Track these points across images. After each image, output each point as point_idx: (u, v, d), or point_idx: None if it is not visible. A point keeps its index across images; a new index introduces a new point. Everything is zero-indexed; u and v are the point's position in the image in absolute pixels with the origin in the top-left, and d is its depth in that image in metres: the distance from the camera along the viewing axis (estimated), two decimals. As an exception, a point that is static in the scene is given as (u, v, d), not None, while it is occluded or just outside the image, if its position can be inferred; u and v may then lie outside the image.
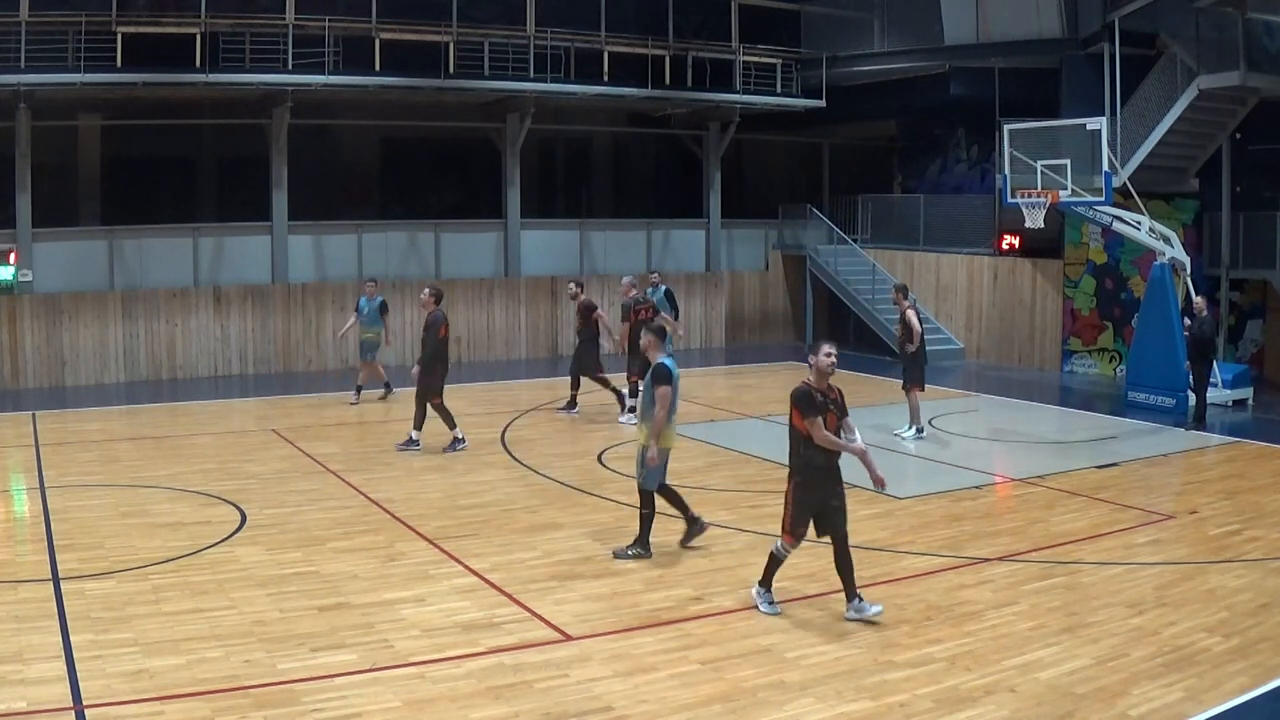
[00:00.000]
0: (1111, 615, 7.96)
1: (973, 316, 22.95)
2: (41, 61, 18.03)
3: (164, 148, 22.18)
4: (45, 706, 6.34)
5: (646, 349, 9.50)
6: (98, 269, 20.05)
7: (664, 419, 9.11)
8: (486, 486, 11.96)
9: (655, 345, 9.40)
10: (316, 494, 11.56)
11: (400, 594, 8.39)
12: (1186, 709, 6.43)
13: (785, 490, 7.98)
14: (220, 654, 7.13)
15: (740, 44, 24.36)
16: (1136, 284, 19.99)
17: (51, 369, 19.12)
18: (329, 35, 19.85)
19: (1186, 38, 18.86)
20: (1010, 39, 22.00)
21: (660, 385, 9.13)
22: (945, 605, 8.21)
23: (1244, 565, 9.19)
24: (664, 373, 9.18)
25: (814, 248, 25.55)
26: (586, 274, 24.17)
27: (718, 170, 25.55)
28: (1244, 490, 11.90)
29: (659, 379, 9.16)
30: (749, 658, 7.20)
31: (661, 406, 9.08)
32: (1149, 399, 16.81)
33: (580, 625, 7.75)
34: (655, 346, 9.39)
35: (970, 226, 23.55)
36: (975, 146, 24.80)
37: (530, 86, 21.69)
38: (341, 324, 21.25)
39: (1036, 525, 10.50)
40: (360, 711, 6.35)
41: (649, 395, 9.20)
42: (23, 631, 7.47)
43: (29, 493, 11.67)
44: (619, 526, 10.35)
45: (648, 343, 9.46)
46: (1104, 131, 16.76)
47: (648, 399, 9.21)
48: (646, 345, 9.48)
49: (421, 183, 24.72)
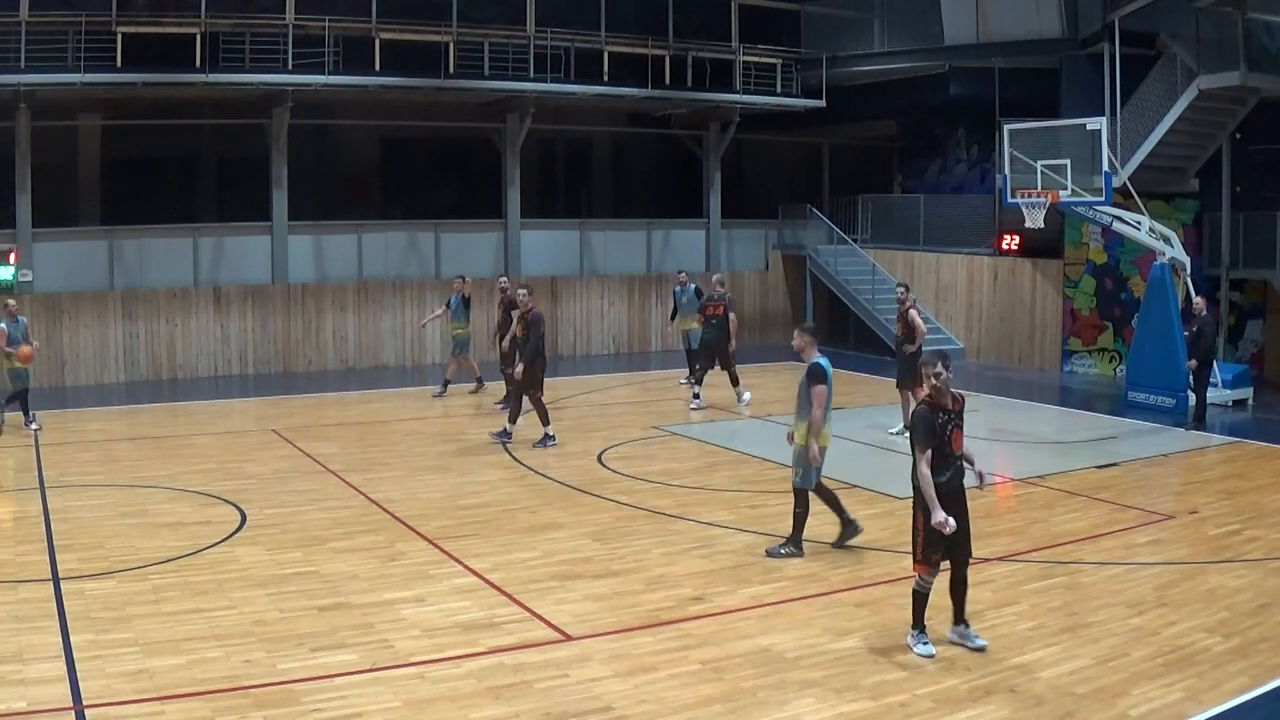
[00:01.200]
0: (1111, 615, 7.96)
1: (973, 316, 22.95)
2: (41, 61, 18.02)
3: (164, 148, 22.17)
4: (45, 706, 6.34)
5: (802, 349, 9.43)
6: (98, 269, 20.05)
7: (821, 417, 9.12)
8: (486, 486, 11.96)
9: (811, 345, 9.41)
10: (316, 494, 11.56)
11: (400, 594, 8.40)
12: (1186, 709, 6.43)
13: (913, 518, 7.47)
14: (220, 654, 7.13)
15: (740, 44, 24.36)
16: (1136, 284, 19.99)
17: (51, 369, 19.11)
18: (329, 35, 19.84)
19: (1186, 38, 18.85)
20: (1010, 39, 21.99)
21: (817, 384, 9.15)
22: (945, 605, 8.20)
23: (1244, 565, 9.19)
24: (820, 372, 9.19)
25: (814, 248, 25.54)
26: (586, 274, 24.19)
27: (718, 170, 25.55)
28: (1244, 490, 11.90)
29: (815, 378, 9.17)
30: (749, 658, 7.20)
31: (819, 405, 9.09)
32: (1149, 399, 16.80)
33: (580, 625, 7.75)
34: (811, 346, 9.40)
35: (970, 226, 23.55)
36: (975, 146, 24.80)
37: (530, 86, 21.69)
38: (342, 325, 21.34)
39: (1036, 525, 10.50)
40: (360, 711, 6.35)
41: (805, 395, 9.21)
42: (23, 631, 7.47)
43: (29, 493, 11.66)
44: (619, 526, 10.36)
45: (804, 343, 9.44)
46: (1104, 131, 16.76)
47: (804, 399, 9.21)
48: (802, 346, 9.44)
49: (421, 183, 24.72)
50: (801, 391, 9.34)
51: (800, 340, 9.54)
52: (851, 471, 12.56)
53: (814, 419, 9.12)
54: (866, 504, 11.20)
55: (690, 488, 11.86)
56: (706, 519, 10.57)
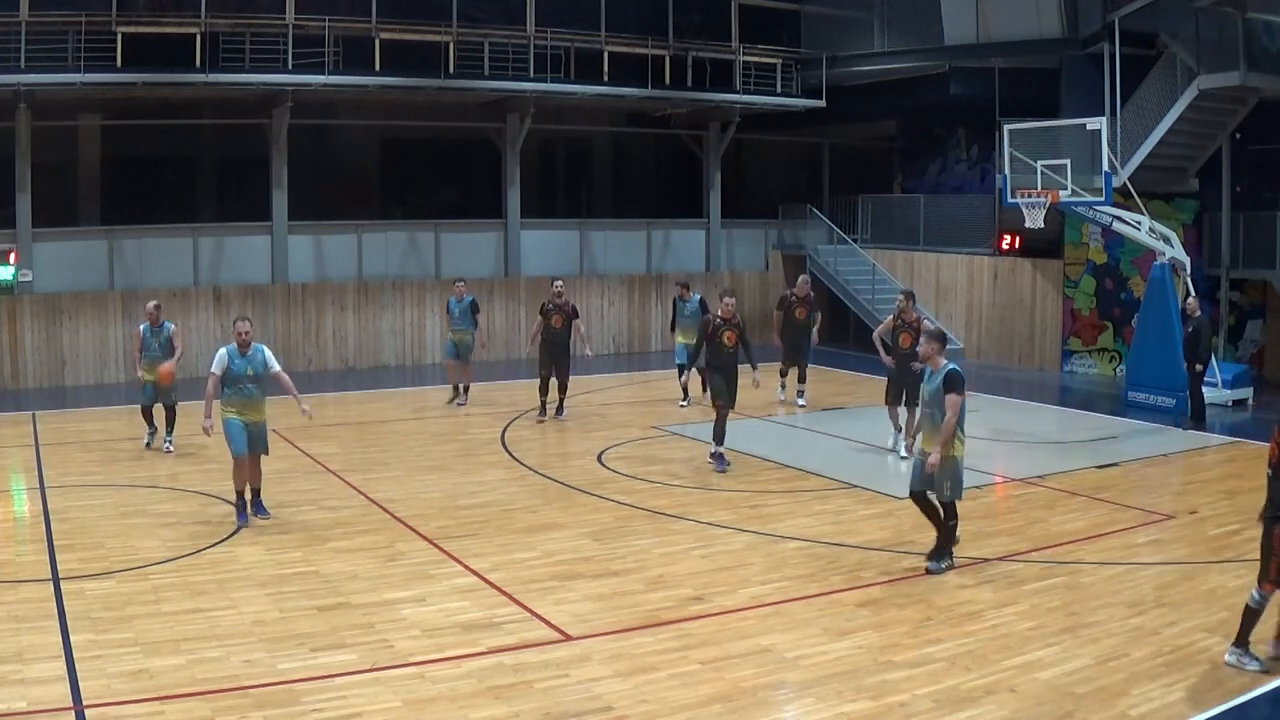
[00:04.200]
0: (1111, 615, 7.96)
1: (972, 316, 22.94)
2: (41, 61, 18.02)
3: (164, 148, 22.17)
4: (45, 706, 6.34)
5: (929, 358, 9.00)
6: (98, 269, 20.05)
7: (954, 425, 8.71)
8: (486, 486, 11.96)
9: (939, 352, 8.99)
10: (316, 494, 11.57)
11: (400, 594, 8.40)
12: (1186, 709, 6.43)
13: (1270, 534, 6.91)
14: (220, 654, 7.13)
15: (740, 44, 24.35)
16: (1136, 284, 19.99)
17: (51, 369, 19.12)
18: (329, 35, 19.84)
19: (1186, 38, 18.85)
20: (1010, 39, 21.98)
21: (953, 393, 8.74)
22: (945, 605, 8.21)
23: (1244, 565, 9.17)
24: (959, 380, 8.78)
25: (814, 248, 25.53)
26: (586, 274, 24.19)
27: (718, 170, 25.55)
28: (1244, 490, 11.88)
29: (953, 386, 8.76)
30: (749, 658, 7.20)
31: (954, 413, 8.70)
32: (1149, 399, 16.80)
33: (580, 625, 7.74)
34: (939, 353, 8.99)
35: (970, 226, 23.54)
36: (975, 146, 24.78)
37: (530, 86, 21.69)
38: (342, 325, 21.33)
39: (1036, 525, 10.50)
40: (360, 711, 6.35)
41: (938, 404, 8.77)
42: (23, 631, 7.47)
43: (29, 493, 11.67)
44: (619, 526, 10.36)
45: (931, 350, 8.98)
46: (1104, 131, 16.75)
47: (938, 408, 8.77)
48: (929, 354, 8.99)
49: (421, 183, 24.72)
50: (934, 400, 8.86)
51: (927, 348, 9.05)
52: (852, 472, 12.59)
53: (947, 427, 8.68)
54: (866, 504, 11.22)
55: (690, 488, 11.86)
56: (706, 519, 10.57)
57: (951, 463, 8.81)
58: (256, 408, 10.44)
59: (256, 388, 10.44)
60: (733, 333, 12.74)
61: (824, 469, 12.66)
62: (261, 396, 10.47)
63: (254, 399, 10.42)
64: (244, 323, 10.53)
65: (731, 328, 12.74)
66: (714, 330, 12.75)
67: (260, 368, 10.41)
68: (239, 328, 10.49)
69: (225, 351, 10.35)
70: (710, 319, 12.98)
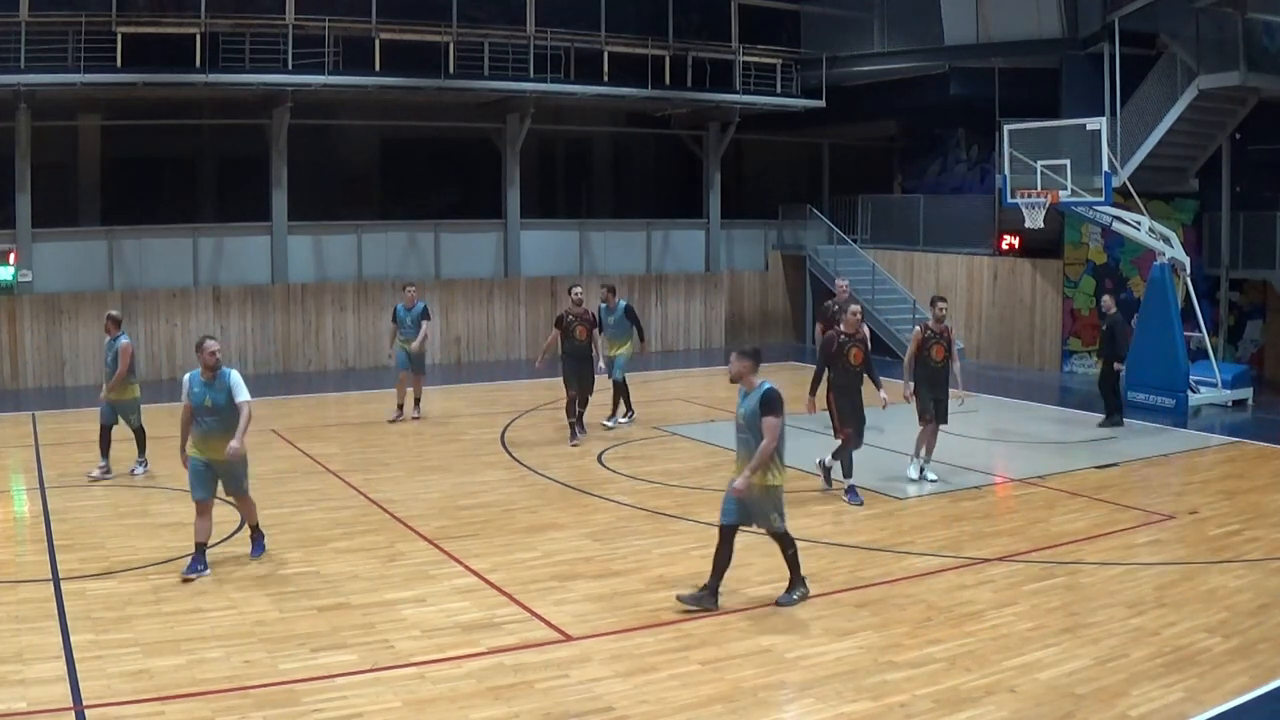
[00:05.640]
0: (1111, 615, 7.96)
1: (972, 317, 22.95)
2: (41, 61, 18.03)
3: (164, 148, 22.19)
4: (45, 706, 6.34)
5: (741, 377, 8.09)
6: (98, 269, 20.06)
7: (772, 450, 7.90)
8: (486, 486, 11.96)
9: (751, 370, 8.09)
10: (316, 494, 11.57)
11: (400, 594, 8.40)
12: (1186, 709, 6.43)
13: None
14: (220, 654, 7.13)
15: (740, 44, 24.36)
16: (1136, 284, 19.99)
17: (51, 369, 19.12)
18: (329, 35, 19.85)
19: (1186, 38, 18.86)
20: (1010, 39, 22.00)
21: (771, 415, 7.90)
22: (945, 605, 8.21)
23: (1244, 565, 9.19)
24: (777, 401, 7.96)
25: (814, 248, 25.54)
26: (586, 274, 24.18)
27: (718, 170, 25.55)
28: (1244, 490, 11.90)
29: (771, 408, 7.91)
30: (749, 658, 7.20)
31: (773, 438, 7.88)
32: (1149, 399, 16.81)
33: (580, 625, 7.74)
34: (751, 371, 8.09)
35: (970, 227, 23.55)
36: (975, 146, 24.80)
37: (530, 86, 21.69)
38: (342, 325, 21.33)
39: (1036, 525, 10.50)
40: (360, 711, 6.35)
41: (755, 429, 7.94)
42: (23, 631, 7.47)
43: (29, 493, 11.67)
44: (619, 526, 10.36)
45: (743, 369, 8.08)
46: (1104, 131, 16.76)
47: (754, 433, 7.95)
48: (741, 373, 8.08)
49: (421, 183, 24.71)
50: (750, 423, 7.98)
51: (738, 366, 8.10)
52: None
53: (765, 452, 7.83)
54: (865, 504, 11.20)
55: (690, 488, 11.86)
56: (706, 519, 10.53)
57: (774, 492, 8.05)
58: (216, 445, 8.83)
59: (216, 420, 8.85)
60: (859, 350, 11.31)
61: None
62: (224, 430, 8.83)
63: (213, 434, 8.83)
64: (211, 342, 9.01)
65: (857, 344, 11.30)
66: (838, 347, 11.26)
67: (222, 396, 8.86)
68: (206, 348, 8.94)
69: (188, 377, 8.98)
70: (834, 334, 11.46)
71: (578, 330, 14.14)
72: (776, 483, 8.06)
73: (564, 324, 14.25)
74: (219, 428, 8.83)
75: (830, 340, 11.39)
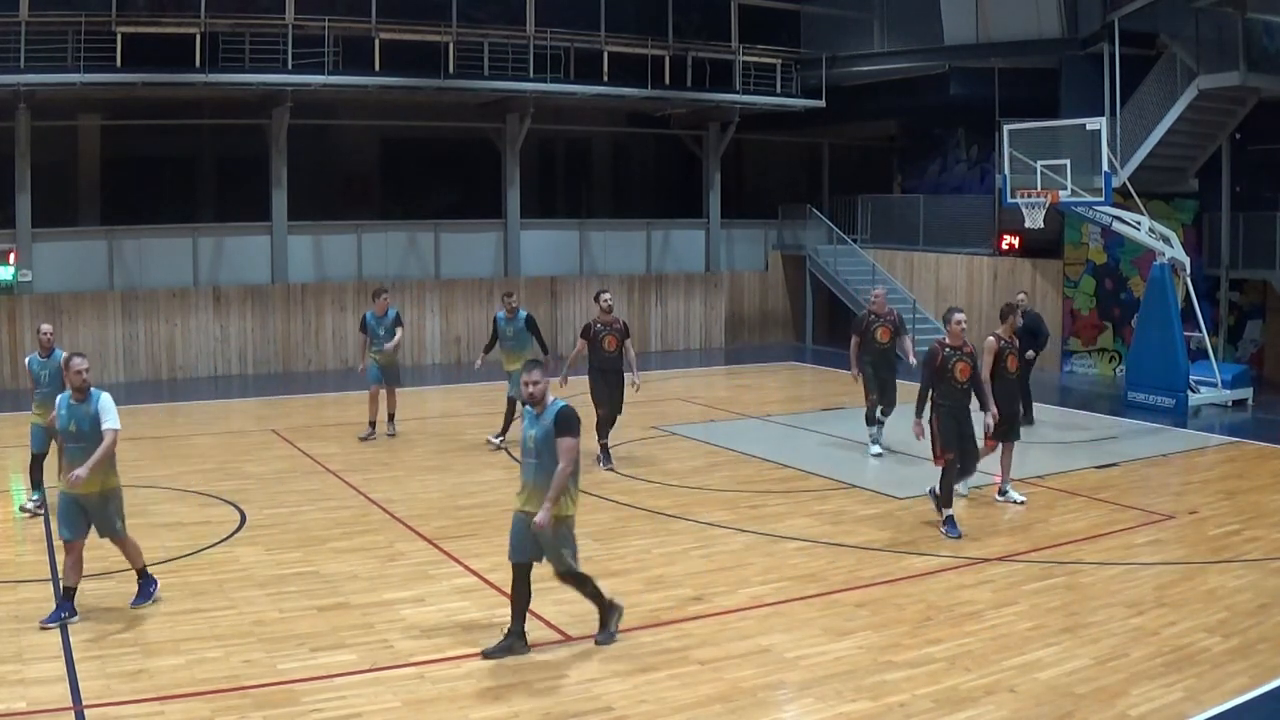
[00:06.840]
0: (1111, 615, 7.95)
1: (972, 317, 22.77)
2: (41, 61, 18.02)
3: (164, 148, 22.19)
4: (45, 706, 6.34)
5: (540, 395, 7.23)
6: (97, 269, 20.05)
7: (568, 475, 7.11)
8: (486, 486, 11.96)
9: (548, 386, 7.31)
10: (316, 494, 11.56)
11: (400, 594, 8.39)
12: (1186, 709, 6.42)
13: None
14: (220, 654, 7.12)
15: (740, 44, 24.36)
16: (1136, 284, 19.99)
17: (51, 369, 19.09)
18: (329, 35, 19.85)
19: (1186, 38, 18.85)
20: (1010, 39, 22.00)
21: (567, 436, 7.08)
22: (945, 605, 8.20)
23: (1244, 565, 9.19)
24: (574, 421, 7.14)
25: (814, 248, 25.54)
26: (586, 274, 24.18)
27: (718, 170, 25.55)
28: (1244, 490, 11.90)
29: (566, 428, 7.08)
30: (749, 658, 7.20)
31: (568, 460, 7.08)
32: (1149, 399, 16.80)
33: (580, 625, 7.73)
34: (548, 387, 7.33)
35: (970, 227, 23.55)
36: (975, 146, 24.81)
37: (530, 86, 21.69)
38: (342, 325, 21.31)
39: (1036, 525, 10.50)
40: (360, 711, 6.35)
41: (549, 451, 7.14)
42: (23, 631, 7.47)
43: (29, 493, 11.64)
44: (619, 526, 10.35)
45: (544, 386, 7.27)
46: (1104, 131, 16.75)
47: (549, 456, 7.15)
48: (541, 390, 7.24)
49: (421, 183, 24.71)
50: (543, 446, 7.13)
51: (544, 384, 7.23)
52: (851, 472, 12.59)
53: (562, 476, 7.05)
54: (865, 504, 11.21)
55: (690, 488, 11.86)
56: (706, 519, 10.56)
57: (567, 524, 7.24)
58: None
59: (81, 450, 7.65)
60: (966, 364, 10.09)
61: (824, 469, 12.65)
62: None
63: (79, 464, 7.60)
64: (78, 359, 7.82)
65: (964, 358, 10.09)
66: (943, 361, 10.09)
67: (87, 423, 7.71)
68: (74, 366, 7.77)
69: (59, 398, 7.93)
70: (938, 346, 10.21)
71: (607, 341, 12.64)
72: (568, 513, 7.23)
73: (591, 334, 12.76)
74: (84, 458, 7.59)
75: (935, 353, 10.13)
